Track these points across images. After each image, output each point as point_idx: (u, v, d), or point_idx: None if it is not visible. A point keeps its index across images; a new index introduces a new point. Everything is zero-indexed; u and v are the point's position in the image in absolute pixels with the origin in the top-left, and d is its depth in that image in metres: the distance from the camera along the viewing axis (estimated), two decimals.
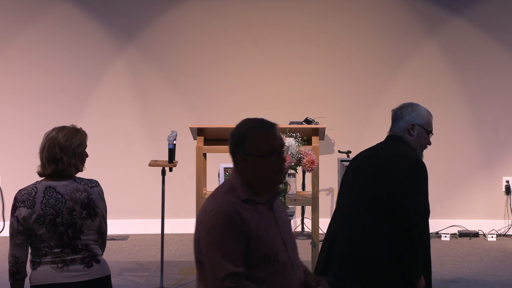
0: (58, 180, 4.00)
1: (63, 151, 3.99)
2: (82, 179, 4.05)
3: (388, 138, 4.37)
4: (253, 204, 3.31)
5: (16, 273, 3.99)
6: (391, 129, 4.38)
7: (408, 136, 4.32)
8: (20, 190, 4.02)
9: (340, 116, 9.20)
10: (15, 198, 4.00)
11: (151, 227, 9.01)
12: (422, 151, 4.36)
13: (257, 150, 3.29)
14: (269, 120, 3.39)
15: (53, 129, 4.07)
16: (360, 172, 4.30)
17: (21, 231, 3.95)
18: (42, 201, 3.95)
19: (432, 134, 4.39)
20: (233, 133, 3.35)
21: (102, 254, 4.11)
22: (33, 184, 4.02)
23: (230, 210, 3.25)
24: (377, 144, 4.41)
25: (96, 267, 4.02)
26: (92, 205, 4.02)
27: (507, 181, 9.24)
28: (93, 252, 4.03)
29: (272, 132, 3.33)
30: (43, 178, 4.04)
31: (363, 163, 4.34)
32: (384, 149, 4.32)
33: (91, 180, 4.08)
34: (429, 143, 4.39)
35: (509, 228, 9.22)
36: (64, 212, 3.96)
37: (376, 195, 4.15)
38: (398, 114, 4.36)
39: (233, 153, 3.35)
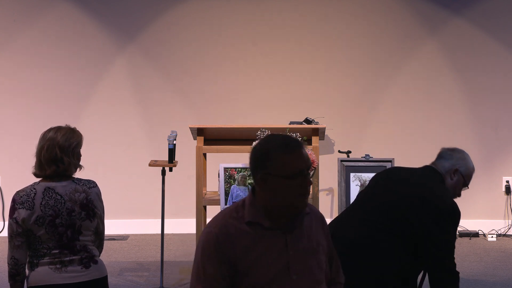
0: (57, 181, 3.99)
1: (63, 152, 3.99)
2: (80, 180, 4.05)
3: (431, 169, 4.33)
4: (256, 228, 3.05)
5: (16, 274, 3.98)
6: (435, 163, 4.35)
7: (448, 178, 4.31)
8: (18, 192, 4.00)
9: (340, 116, 9.20)
10: (13, 200, 3.98)
11: (151, 227, 9.01)
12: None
13: (281, 171, 2.99)
14: (296, 138, 3.12)
15: (50, 130, 4.05)
16: (389, 189, 4.26)
17: (20, 232, 3.94)
18: (42, 202, 3.94)
19: (468, 188, 4.37)
20: (255, 149, 3.07)
21: (100, 255, 4.11)
22: (31, 185, 4.00)
23: (220, 233, 3.03)
24: (418, 169, 4.36)
25: (93, 268, 4.02)
26: (90, 206, 4.02)
27: (507, 181, 9.24)
28: (91, 253, 4.03)
29: (299, 151, 3.02)
30: (40, 179, 4.03)
31: (398, 183, 4.28)
32: (426, 179, 4.27)
33: (89, 181, 4.08)
34: (459, 195, 4.37)
35: (509, 228, 9.22)
36: (64, 213, 3.96)
37: (398, 220, 4.12)
38: (447, 154, 4.36)
39: (253, 171, 3.05)
